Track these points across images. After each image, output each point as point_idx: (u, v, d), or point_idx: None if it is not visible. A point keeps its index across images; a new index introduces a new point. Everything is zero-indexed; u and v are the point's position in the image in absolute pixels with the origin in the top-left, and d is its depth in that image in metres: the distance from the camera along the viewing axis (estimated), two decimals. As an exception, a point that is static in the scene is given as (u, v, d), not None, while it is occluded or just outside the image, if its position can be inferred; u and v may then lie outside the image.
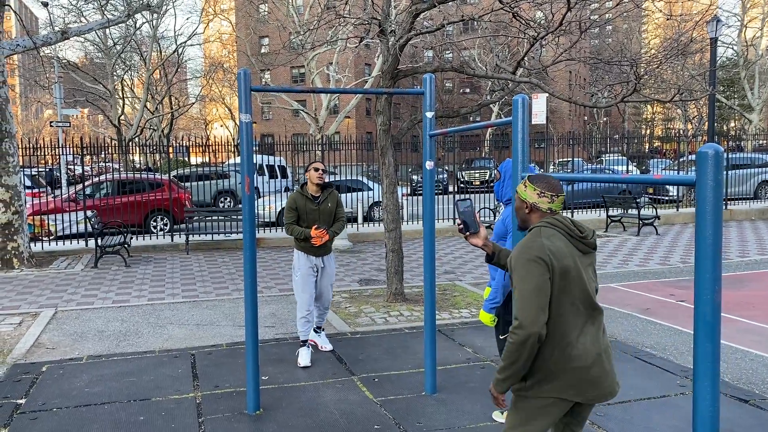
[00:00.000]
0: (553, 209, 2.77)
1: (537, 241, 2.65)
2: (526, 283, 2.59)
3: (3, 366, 5.91)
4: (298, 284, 5.71)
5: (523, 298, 2.58)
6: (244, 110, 4.47)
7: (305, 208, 5.66)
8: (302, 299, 5.68)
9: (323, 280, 5.88)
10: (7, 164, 10.92)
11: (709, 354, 2.31)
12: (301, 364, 5.66)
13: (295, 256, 5.79)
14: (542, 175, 2.85)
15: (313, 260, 5.73)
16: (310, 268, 5.71)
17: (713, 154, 2.22)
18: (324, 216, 5.72)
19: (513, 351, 2.59)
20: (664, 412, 4.65)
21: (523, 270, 2.60)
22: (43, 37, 11.49)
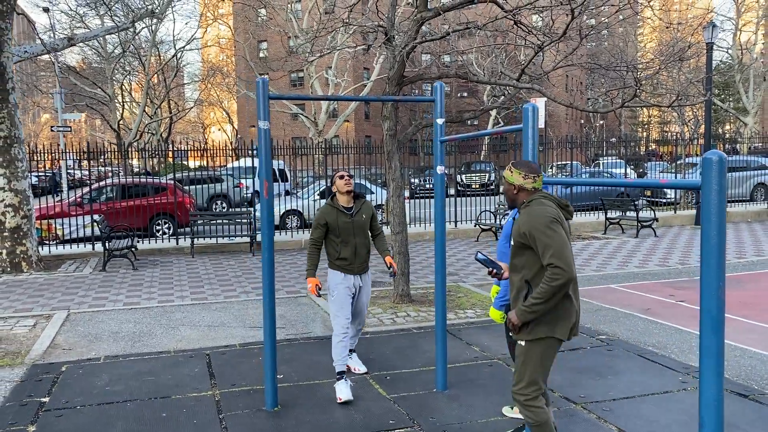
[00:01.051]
0: (536, 188, 3.43)
1: (547, 209, 3.29)
2: (556, 239, 3.19)
3: (22, 366, 6.07)
4: (336, 305, 5.14)
5: (557, 249, 3.17)
6: (263, 117, 4.64)
7: (337, 222, 5.12)
8: (339, 322, 5.10)
9: (360, 300, 5.41)
10: (16, 169, 11.08)
11: (714, 346, 2.49)
12: (342, 399, 4.96)
13: (330, 275, 5.25)
14: (523, 161, 3.50)
15: (350, 279, 5.21)
16: (348, 288, 5.18)
17: (717, 160, 2.41)
18: (358, 230, 5.20)
19: (551, 291, 3.17)
20: (668, 406, 4.83)
21: (549, 229, 3.21)
22: (50, 44, 11.65)
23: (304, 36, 29.36)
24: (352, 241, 5.17)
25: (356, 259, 5.20)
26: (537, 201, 3.38)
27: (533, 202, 3.38)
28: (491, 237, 14.99)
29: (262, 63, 45.06)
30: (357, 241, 5.18)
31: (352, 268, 5.21)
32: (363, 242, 5.24)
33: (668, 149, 41.30)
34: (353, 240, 5.17)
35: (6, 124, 10.94)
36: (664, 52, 18.11)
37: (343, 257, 5.17)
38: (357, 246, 5.19)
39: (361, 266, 5.25)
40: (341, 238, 5.15)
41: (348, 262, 5.18)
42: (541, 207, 3.32)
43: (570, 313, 3.36)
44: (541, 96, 12.73)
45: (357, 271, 5.24)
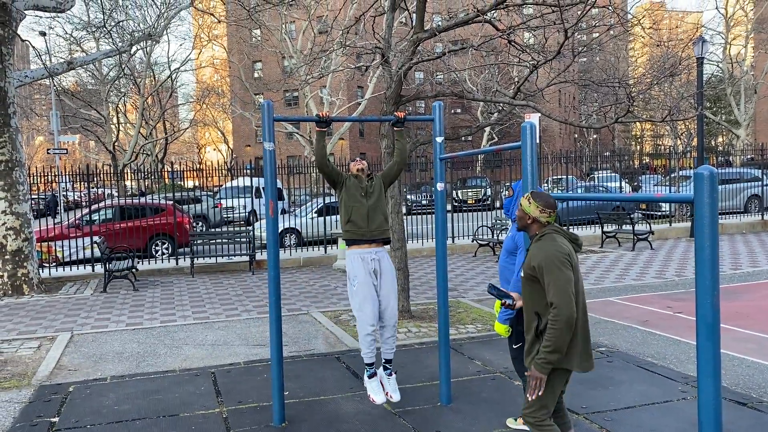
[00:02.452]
0: (549, 222, 3.53)
1: (559, 246, 3.40)
2: (562, 278, 3.30)
3: (29, 388, 6.12)
4: (358, 295, 4.84)
5: (560, 288, 3.28)
6: (268, 138, 4.77)
7: (355, 185, 5.01)
8: (365, 313, 4.82)
9: (384, 285, 4.93)
10: (17, 192, 11.17)
11: (710, 351, 2.60)
12: (376, 401, 4.84)
13: (348, 261, 4.96)
14: (542, 193, 3.55)
15: (368, 259, 4.88)
16: (368, 274, 4.85)
17: (708, 175, 2.55)
18: (371, 193, 5.01)
19: (559, 333, 3.27)
20: (668, 415, 4.92)
21: (557, 268, 3.32)
22: (51, 68, 11.80)
23: (299, 56, 29.66)
24: (365, 204, 4.94)
25: (369, 224, 4.90)
26: (549, 236, 3.45)
27: (545, 237, 3.45)
28: (489, 252, 15.10)
29: (256, 83, 45.40)
30: (370, 204, 4.95)
31: (365, 233, 4.89)
32: (377, 206, 4.98)
33: (662, 162, 41.68)
34: (366, 203, 4.95)
35: (7, 148, 11.05)
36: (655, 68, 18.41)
37: (354, 220, 4.91)
38: (370, 209, 4.95)
39: (375, 232, 4.92)
40: (354, 201, 4.94)
41: (360, 228, 4.89)
42: (553, 243, 3.39)
43: (578, 344, 3.41)
44: (535, 112, 12.94)
45: (371, 236, 4.90)
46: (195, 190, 21.20)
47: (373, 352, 4.89)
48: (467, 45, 8.22)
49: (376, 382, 4.93)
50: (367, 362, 4.93)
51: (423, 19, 8.22)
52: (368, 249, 4.91)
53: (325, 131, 4.99)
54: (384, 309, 4.93)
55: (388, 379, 4.99)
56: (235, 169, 17.61)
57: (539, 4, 8.08)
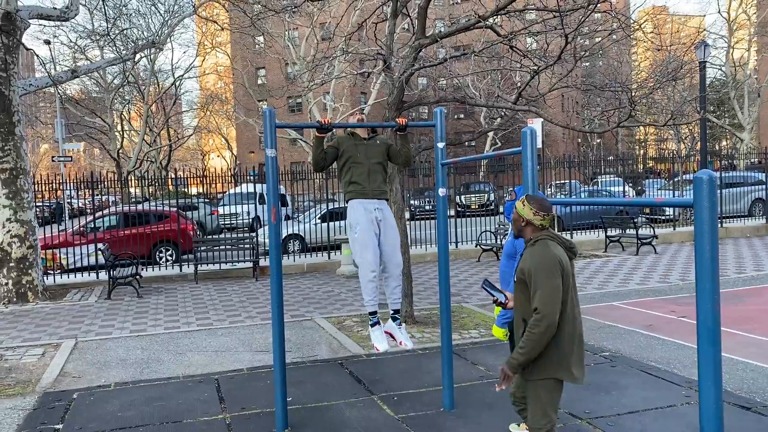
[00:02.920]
0: (543, 225, 3.50)
1: (551, 253, 3.36)
2: (549, 285, 3.29)
3: (34, 395, 6.14)
4: (358, 242, 4.86)
5: (546, 295, 3.27)
6: (270, 145, 4.79)
7: (354, 145, 5.04)
8: (366, 258, 4.82)
9: (386, 235, 4.95)
10: (22, 200, 11.23)
11: (711, 355, 2.61)
12: (379, 350, 4.87)
13: (350, 209, 4.99)
14: (537, 196, 3.55)
15: (370, 209, 4.90)
16: (370, 222, 4.87)
17: (707, 179, 2.56)
18: (372, 152, 5.06)
19: (534, 339, 3.28)
20: (672, 420, 4.91)
21: (545, 275, 3.30)
22: (55, 76, 11.87)
23: (302, 63, 29.77)
24: (365, 163, 4.97)
25: (370, 183, 4.96)
26: (543, 242, 3.43)
27: (539, 242, 3.43)
28: (492, 257, 15.09)
29: (260, 90, 45.56)
30: (370, 163, 4.99)
31: (366, 191, 4.95)
32: (377, 165, 5.03)
33: (666, 166, 41.61)
34: (366, 162, 4.98)
35: (12, 156, 11.11)
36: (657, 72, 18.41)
37: (355, 180, 4.96)
38: (370, 168, 4.98)
39: (375, 191, 4.98)
40: (354, 159, 4.98)
41: (362, 186, 4.95)
42: (546, 249, 3.37)
43: (567, 354, 3.40)
44: (538, 117, 12.95)
45: (372, 195, 4.96)
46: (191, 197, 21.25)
47: (375, 300, 4.92)
48: (469, 51, 8.24)
49: (380, 330, 4.94)
50: (370, 311, 4.95)
51: (425, 25, 8.26)
52: (370, 200, 4.96)
53: (324, 137, 5.03)
54: (388, 259, 4.95)
55: (399, 328, 5.00)
56: (238, 176, 17.64)
57: (540, 9, 8.11)
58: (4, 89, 11.00)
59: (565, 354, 3.39)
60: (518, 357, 3.37)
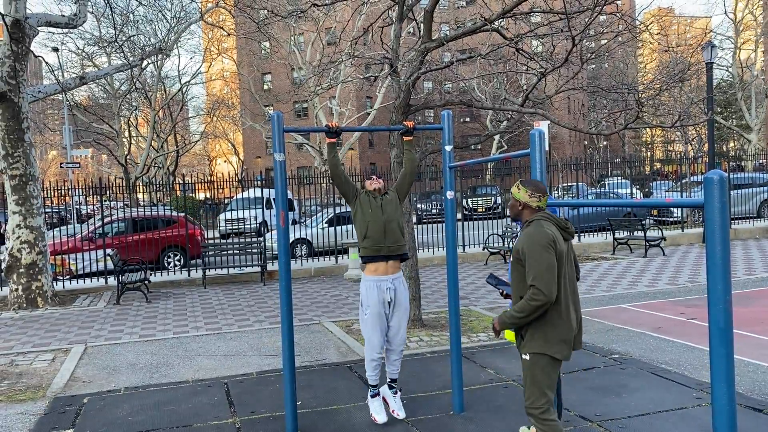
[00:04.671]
0: (540, 206, 3.59)
1: (544, 231, 3.46)
2: (543, 263, 3.38)
3: (44, 399, 6.17)
4: (369, 323, 4.95)
5: (541, 273, 3.37)
6: (278, 150, 4.81)
7: (368, 200, 5.04)
8: (373, 341, 4.96)
9: (396, 315, 5.01)
10: (31, 206, 11.29)
11: (723, 356, 2.60)
12: (378, 421, 4.98)
13: (364, 288, 4.98)
14: (531, 180, 3.66)
15: (383, 289, 4.91)
16: (381, 305, 4.92)
17: (718, 179, 2.55)
18: (387, 206, 5.02)
19: (530, 309, 3.42)
20: (683, 422, 4.88)
21: (539, 253, 3.40)
22: (63, 83, 11.95)
23: (308, 68, 29.86)
24: (381, 218, 4.93)
25: (386, 239, 4.89)
26: (537, 222, 3.54)
27: (534, 223, 3.55)
28: (500, 260, 15.06)
29: (266, 95, 45.70)
30: (386, 218, 4.94)
31: (382, 248, 4.88)
32: (393, 219, 4.97)
33: (673, 168, 41.46)
34: (382, 217, 4.93)
35: (21, 163, 11.19)
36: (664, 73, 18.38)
37: (371, 236, 4.89)
38: (386, 223, 4.93)
39: (392, 247, 4.90)
40: (370, 216, 4.95)
41: (377, 242, 4.88)
42: (540, 229, 3.48)
43: (563, 331, 3.52)
44: (544, 119, 12.93)
45: (388, 252, 4.89)
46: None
47: (377, 376, 5.09)
48: (475, 54, 8.24)
49: (379, 401, 5.10)
50: (371, 383, 5.11)
51: (431, 29, 8.27)
52: (385, 276, 4.93)
53: (335, 142, 5.05)
54: (394, 336, 5.06)
55: (394, 397, 5.13)
56: (245, 181, 17.69)
57: (546, 12, 8.11)
58: (14, 96, 11.08)
59: (560, 331, 3.49)
60: (510, 318, 3.52)
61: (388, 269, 4.94)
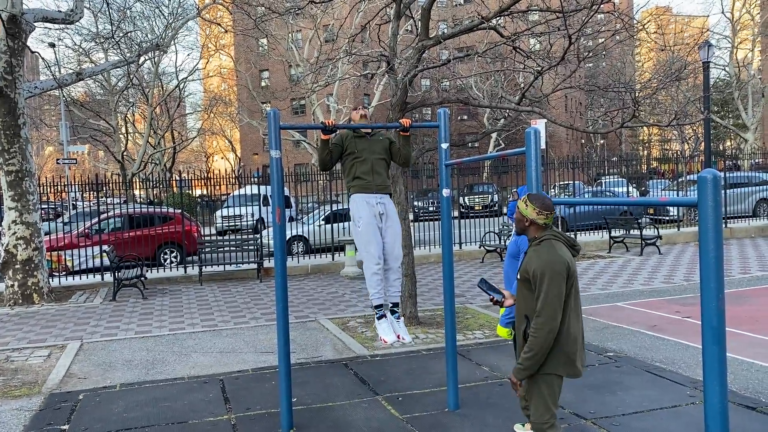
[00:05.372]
0: (547, 224, 3.53)
1: (559, 256, 3.38)
2: (553, 289, 3.32)
3: (40, 396, 6.17)
4: (363, 235, 4.94)
5: (549, 300, 3.31)
6: (275, 146, 4.81)
7: (354, 142, 5.09)
8: (370, 252, 4.92)
9: (389, 229, 5.02)
10: (27, 202, 11.27)
11: (716, 354, 2.61)
12: (387, 341, 4.88)
13: (353, 204, 5.04)
14: (539, 195, 3.56)
15: (373, 203, 4.97)
16: (373, 216, 4.95)
17: (712, 178, 2.56)
18: (375, 147, 5.12)
19: (539, 345, 3.34)
20: (677, 420, 4.91)
21: (551, 279, 3.33)
22: (60, 79, 11.92)
23: (305, 65, 29.83)
24: (369, 158, 5.03)
25: (374, 177, 5.02)
26: (548, 242, 3.44)
27: (544, 243, 3.45)
28: (496, 258, 15.08)
29: (264, 92, 45.62)
30: (374, 159, 5.04)
31: (370, 186, 5.01)
32: (380, 161, 5.07)
33: (670, 167, 41.52)
34: (370, 157, 5.03)
35: (17, 158, 11.16)
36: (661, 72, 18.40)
37: (359, 176, 5.01)
38: (374, 163, 5.04)
39: (379, 186, 5.03)
40: (357, 155, 5.03)
41: (365, 180, 5.00)
42: (552, 251, 3.38)
43: (569, 349, 3.43)
44: (541, 118, 12.94)
45: (379, 189, 5.03)
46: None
47: (380, 293, 4.98)
48: (472, 52, 8.24)
49: (387, 323, 4.97)
50: (375, 304, 4.99)
51: (428, 27, 8.27)
52: (373, 194, 5.02)
53: (329, 139, 5.04)
54: (389, 251, 5.02)
55: (398, 322, 5.06)
56: (242, 178, 17.69)
57: (543, 10, 8.11)
58: (10, 92, 11.05)
59: (568, 351, 3.43)
60: (524, 362, 3.41)
61: (377, 192, 5.04)
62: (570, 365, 3.45)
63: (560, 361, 3.43)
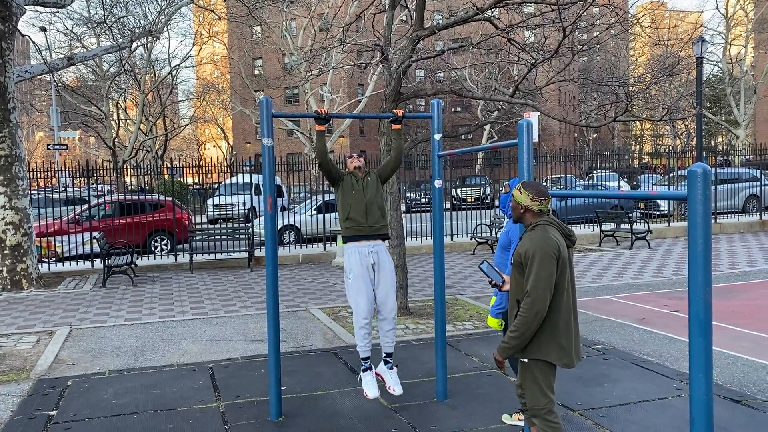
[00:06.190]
0: (542, 210, 3.54)
1: (550, 238, 3.41)
2: (543, 271, 3.34)
3: (28, 381, 6.15)
4: (353, 287, 4.89)
5: (539, 281, 3.33)
6: (267, 135, 4.79)
7: (351, 182, 5.04)
8: (359, 305, 4.88)
9: (382, 280, 4.94)
10: (17, 187, 11.19)
11: (702, 347, 2.63)
12: (369, 396, 4.92)
13: (345, 254, 4.98)
14: (533, 182, 3.60)
15: (365, 253, 4.90)
16: (365, 268, 4.88)
17: (702, 172, 2.57)
18: (368, 188, 5.03)
19: (524, 325, 3.36)
20: (663, 412, 4.96)
21: (542, 260, 3.35)
22: (51, 64, 11.81)
23: (299, 54, 29.68)
24: (362, 200, 4.96)
25: (368, 219, 4.93)
26: (542, 227, 3.47)
27: (538, 227, 3.48)
28: (487, 250, 15.13)
29: (257, 80, 45.39)
30: (368, 200, 4.97)
31: (363, 228, 4.92)
32: (374, 201, 5.00)
33: (661, 162, 41.70)
34: (363, 199, 4.96)
35: (7, 143, 11.07)
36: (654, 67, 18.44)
37: (352, 217, 4.93)
38: (368, 204, 4.96)
39: (373, 228, 4.95)
40: (352, 197, 4.97)
41: (358, 223, 4.92)
42: (544, 234, 3.42)
43: (562, 338, 3.45)
44: (534, 110, 12.95)
45: (369, 231, 4.92)
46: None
47: (367, 346, 4.95)
48: (466, 43, 8.23)
49: (371, 376, 4.99)
50: (362, 356, 4.98)
51: (423, 17, 8.24)
52: (366, 243, 4.92)
53: (324, 129, 5.02)
54: (383, 302, 4.96)
55: (390, 372, 5.03)
56: (234, 166, 17.62)
57: (538, 2, 8.10)
58: (0, 76, 10.93)
59: (561, 338, 3.45)
60: (509, 341, 3.43)
61: (369, 240, 4.95)
62: (563, 354, 3.46)
63: (552, 349, 3.45)
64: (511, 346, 3.44)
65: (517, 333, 3.39)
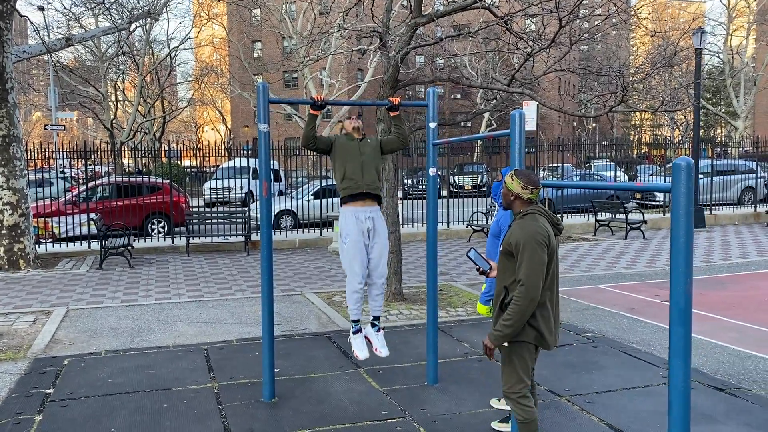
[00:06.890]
0: (531, 199, 3.62)
1: (540, 227, 3.49)
2: (535, 259, 3.41)
3: (25, 360, 6.24)
4: (348, 252, 4.89)
5: (531, 269, 3.40)
6: (263, 120, 4.84)
7: (345, 144, 5.00)
8: (354, 270, 4.89)
9: (376, 245, 4.95)
10: (14, 168, 11.22)
11: (681, 335, 2.71)
12: (359, 357, 4.98)
13: (342, 219, 4.96)
14: (525, 171, 3.67)
15: (362, 218, 4.88)
16: (360, 233, 4.87)
17: (685, 165, 2.64)
18: (365, 148, 5.01)
19: (518, 314, 3.42)
20: (648, 399, 5.06)
21: (533, 249, 3.43)
22: (49, 44, 11.79)
23: (299, 37, 29.56)
24: (358, 158, 4.93)
25: (364, 176, 4.91)
26: (531, 216, 3.55)
27: (528, 216, 3.55)
28: (483, 237, 15.21)
29: (256, 63, 45.18)
30: (364, 159, 4.95)
31: (360, 185, 4.89)
32: (371, 161, 4.98)
33: (659, 152, 41.74)
34: (360, 158, 4.94)
35: (5, 123, 11.08)
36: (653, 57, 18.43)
37: (348, 176, 4.90)
38: (364, 163, 4.93)
39: (370, 186, 4.92)
40: (348, 157, 4.93)
41: (355, 181, 4.89)
42: (534, 223, 3.49)
43: (544, 321, 3.54)
44: (532, 99, 12.96)
45: (367, 189, 4.90)
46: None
47: (359, 309, 5.01)
48: (464, 31, 8.25)
49: (361, 338, 5.04)
50: (353, 318, 5.03)
51: (421, 4, 8.25)
52: (362, 207, 4.91)
53: (318, 115, 5.04)
54: (374, 267, 4.99)
55: (377, 335, 5.08)
56: (232, 150, 17.65)
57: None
58: (-2, 56, 10.92)
59: (544, 322, 3.54)
60: (502, 329, 3.49)
61: (366, 204, 4.94)
62: (540, 335, 3.55)
63: (537, 332, 3.54)
64: (504, 334, 3.49)
65: (511, 321, 3.45)
